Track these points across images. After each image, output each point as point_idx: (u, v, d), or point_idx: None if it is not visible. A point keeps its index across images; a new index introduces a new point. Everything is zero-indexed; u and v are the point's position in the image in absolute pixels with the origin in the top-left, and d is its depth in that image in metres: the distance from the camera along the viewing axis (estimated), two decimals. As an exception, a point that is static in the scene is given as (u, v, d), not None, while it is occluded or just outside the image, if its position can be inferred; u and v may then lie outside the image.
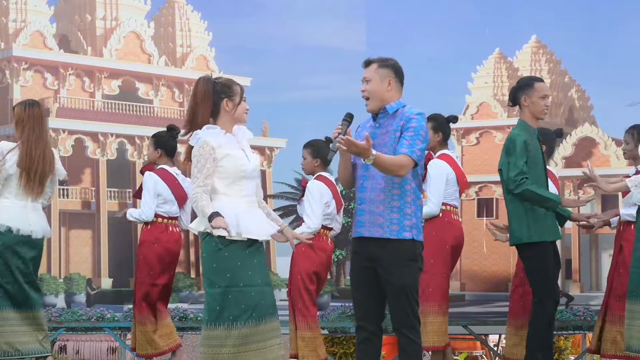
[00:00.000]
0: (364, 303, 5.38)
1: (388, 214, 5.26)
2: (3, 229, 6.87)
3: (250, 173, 5.48)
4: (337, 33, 10.97)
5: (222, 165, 5.42)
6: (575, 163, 10.21)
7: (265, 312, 5.45)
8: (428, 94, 10.45)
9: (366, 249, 5.31)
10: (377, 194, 5.29)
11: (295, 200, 11.23)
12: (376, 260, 5.28)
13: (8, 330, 7.05)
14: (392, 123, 5.32)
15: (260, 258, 5.55)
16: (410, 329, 5.29)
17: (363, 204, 5.31)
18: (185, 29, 11.51)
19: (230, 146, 5.47)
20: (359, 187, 5.36)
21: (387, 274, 5.27)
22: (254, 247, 5.50)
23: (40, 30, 11.01)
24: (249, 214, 5.46)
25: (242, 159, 5.47)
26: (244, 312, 5.39)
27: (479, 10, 10.77)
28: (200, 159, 5.41)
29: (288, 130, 10.91)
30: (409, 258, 5.30)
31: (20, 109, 6.72)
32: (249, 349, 5.38)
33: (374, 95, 5.33)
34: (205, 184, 5.43)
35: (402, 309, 5.27)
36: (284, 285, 10.55)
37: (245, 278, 5.42)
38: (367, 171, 5.30)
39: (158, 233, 7.78)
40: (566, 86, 10.89)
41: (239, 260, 5.41)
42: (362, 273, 5.34)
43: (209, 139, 5.44)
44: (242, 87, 5.51)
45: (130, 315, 9.44)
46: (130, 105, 11.18)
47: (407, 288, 5.30)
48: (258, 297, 5.43)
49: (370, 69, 5.34)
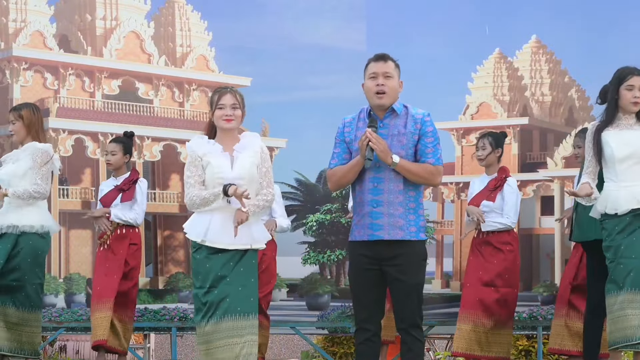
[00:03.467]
0: (368, 305, 5.37)
1: (406, 216, 5.26)
2: (44, 230, 7.06)
3: (230, 181, 5.54)
4: (337, 33, 10.96)
5: (206, 172, 5.56)
6: (575, 163, 10.20)
7: (229, 310, 5.54)
8: (428, 94, 10.44)
9: (379, 251, 5.28)
10: (396, 196, 5.27)
11: (295, 200, 11.23)
12: (389, 260, 5.26)
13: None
14: (398, 124, 5.32)
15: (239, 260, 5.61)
16: (417, 328, 5.32)
17: (380, 206, 5.27)
18: (185, 28, 11.50)
19: (213, 155, 5.61)
20: (371, 190, 5.30)
21: (401, 273, 5.26)
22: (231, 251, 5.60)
23: (40, 30, 11.01)
24: (225, 222, 5.55)
25: (221, 166, 5.58)
26: (206, 310, 5.57)
27: (479, 10, 10.77)
28: (190, 167, 5.63)
29: (288, 130, 10.90)
30: (423, 258, 5.34)
31: (30, 112, 7.09)
32: (215, 346, 5.55)
33: (392, 92, 5.34)
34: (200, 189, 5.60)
35: (411, 308, 5.28)
36: (284, 285, 10.56)
37: (213, 279, 5.57)
38: (380, 173, 5.28)
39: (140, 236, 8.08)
40: (566, 86, 10.89)
41: (207, 263, 5.57)
42: (367, 275, 5.33)
43: (195, 149, 5.63)
44: (220, 94, 5.62)
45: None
46: (130, 105, 11.18)
47: (419, 287, 5.33)
48: (220, 295, 5.55)
49: (390, 66, 5.34)
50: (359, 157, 5.22)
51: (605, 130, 6.22)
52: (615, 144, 6.16)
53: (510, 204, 7.71)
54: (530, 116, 10.93)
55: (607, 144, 6.19)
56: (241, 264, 5.56)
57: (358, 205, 5.34)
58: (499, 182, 7.77)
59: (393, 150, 5.23)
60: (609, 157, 6.17)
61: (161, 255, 11.07)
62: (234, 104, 5.59)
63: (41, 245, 7.17)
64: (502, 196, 7.73)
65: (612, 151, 6.15)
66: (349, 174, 5.31)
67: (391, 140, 5.26)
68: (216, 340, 5.50)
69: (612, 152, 6.16)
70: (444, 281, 10.89)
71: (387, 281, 5.31)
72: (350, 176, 5.30)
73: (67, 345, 11.63)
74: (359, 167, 5.26)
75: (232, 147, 5.59)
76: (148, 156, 11.21)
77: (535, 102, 10.95)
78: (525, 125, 10.89)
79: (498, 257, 7.66)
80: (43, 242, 7.18)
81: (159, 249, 11.06)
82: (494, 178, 7.81)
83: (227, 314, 5.50)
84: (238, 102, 5.61)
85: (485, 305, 7.59)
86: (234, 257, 5.56)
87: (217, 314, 5.50)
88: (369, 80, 5.34)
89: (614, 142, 6.17)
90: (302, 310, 10.38)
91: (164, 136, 11.21)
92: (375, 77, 5.31)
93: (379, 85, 5.29)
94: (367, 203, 5.28)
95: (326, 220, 10.56)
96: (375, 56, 5.38)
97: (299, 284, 10.55)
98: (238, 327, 5.51)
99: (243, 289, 5.55)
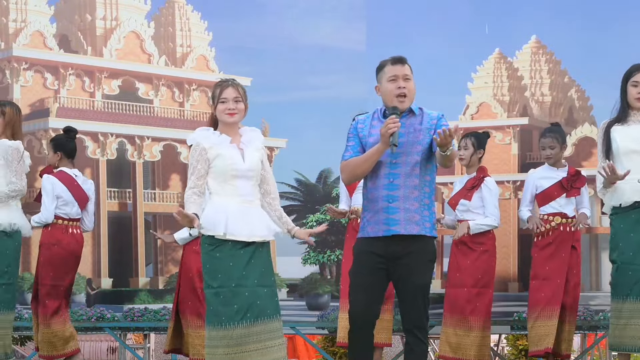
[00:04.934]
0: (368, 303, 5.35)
1: (422, 212, 5.28)
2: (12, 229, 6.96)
3: (244, 172, 5.48)
4: (337, 33, 10.96)
5: (215, 165, 5.47)
6: (576, 163, 10.21)
7: (261, 312, 5.42)
8: (428, 94, 10.44)
9: (392, 247, 5.26)
10: (411, 190, 5.29)
11: (295, 200, 11.23)
12: (399, 259, 5.25)
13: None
14: (415, 122, 5.37)
15: (259, 258, 5.51)
16: (422, 330, 5.30)
17: (396, 201, 5.28)
18: (185, 29, 11.50)
19: (223, 146, 5.51)
20: (387, 185, 5.31)
21: (410, 273, 5.25)
22: (251, 248, 5.48)
23: (40, 30, 11.01)
24: (242, 214, 5.46)
25: (233, 158, 5.49)
26: (236, 312, 5.37)
27: (479, 11, 10.76)
28: (192, 161, 5.50)
29: (288, 130, 10.89)
30: (431, 258, 5.34)
31: (12, 111, 7.00)
32: (246, 350, 5.38)
33: (412, 94, 5.42)
34: (196, 185, 5.48)
35: (418, 308, 5.27)
36: (284, 285, 10.55)
37: (238, 278, 5.41)
38: (396, 169, 5.30)
39: (59, 235, 7.91)
40: (566, 86, 10.89)
41: (230, 261, 5.41)
42: (375, 273, 5.31)
43: (201, 141, 5.52)
44: (222, 87, 5.55)
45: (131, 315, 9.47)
46: (130, 105, 11.18)
47: (426, 288, 5.33)
48: (252, 298, 5.41)
49: (408, 68, 5.40)
50: (379, 145, 5.21)
51: (613, 126, 6.32)
52: (621, 138, 6.25)
53: (492, 204, 7.76)
54: (530, 116, 10.93)
55: (614, 139, 6.29)
56: (262, 263, 5.48)
57: (370, 202, 5.32)
58: (476, 181, 7.81)
59: (410, 145, 5.29)
60: (615, 151, 6.25)
61: (161, 255, 11.06)
62: (237, 97, 5.51)
63: (8, 244, 7.05)
64: (479, 195, 7.77)
65: (617, 145, 6.24)
66: (365, 164, 5.30)
67: (408, 136, 5.31)
68: (250, 343, 5.34)
69: (618, 146, 6.23)
70: (444, 281, 10.89)
71: (394, 281, 5.30)
72: (367, 166, 5.29)
73: (67, 345, 11.61)
74: (378, 155, 5.26)
75: (238, 140, 5.56)
76: (148, 156, 11.20)
77: (535, 102, 10.95)
78: (525, 125, 10.89)
79: (471, 256, 7.69)
80: (9, 242, 7.05)
81: (159, 249, 11.06)
82: (472, 177, 7.85)
83: (260, 316, 5.39)
84: (240, 95, 5.53)
85: (460, 307, 7.62)
86: (254, 254, 5.45)
87: (250, 317, 5.37)
88: (389, 82, 5.36)
89: (620, 136, 6.27)
90: (302, 310, 10.37)
91: (164, 136, 11.20)
92: (395, 79, 5.35)
93: (400, 88, 5.33)
94: (382, 198, 5.28)
95: (326, 220, 10.56)
96: (393, 59, 5.40)
97: (299, 284, 10.54)
98: (271, 330, 5.42)
99: (268, 290, 5.48)
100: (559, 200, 7.85)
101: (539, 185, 7.92)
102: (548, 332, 7.65)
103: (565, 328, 7.83)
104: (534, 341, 7.72)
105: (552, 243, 7.77)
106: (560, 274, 7.71)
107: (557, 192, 7.85)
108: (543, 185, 7.89)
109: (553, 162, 7.92)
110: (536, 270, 7.80)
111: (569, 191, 7.83)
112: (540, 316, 7.70)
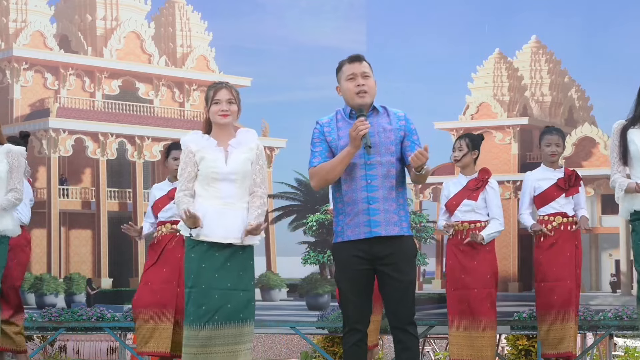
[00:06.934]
0: (361, 306, 5.34)
1: (399, 212, 5.28)
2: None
3: (225, 175, 5.51)
4: (337, 33, 10.97)
5: (200, 168, 5.55)
6: (576, 163, 10.22)
7: (232, 316, 5.44)
8: (428, 94, 10.45)
9: (374, 249, 5.26)
10: (389, 191, 5.28)
11: (295, 200, 11.23)
12: (383, 259, 5.25)
13: None
14: (382, 121, 5.35)
15: (236, 262, 5.53)
16: (412, 325, 5.31)
17: (376, 202, 5.26)
18: (185, 29, 11.51)
19: (208, 150, 5.57)
20: (365, 187, 5.29)
21: (396, 271, 5.25)
22: (228, 250, 5.51)
23: (41, 30, 11.01)
24: (218, 215, 5.49)
25: (215, 161, 5.54)
26: (204, 314, 5.41)
27: (479, 10, 10.77)
28: (182, 164, 5.60)
29: (288, 130, 10.90)
30: (414, 255, 5.35)
31: None
32: (211, 352, 5.40)
33: (372, 91, 5.38)
34: (186, 188, 5.59)
35: (407, 305, 5.27)
36: (284, 285, 10.55)
37: (208, 280, 5.44)
38: (372, 170, 5.28)
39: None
40: (566, 86, 10.90)
41: (203, 262, 5.46)
42: (359, 276, 5.31)
43: (189, 144, 5.60)
44: (216, 89, 5.60)
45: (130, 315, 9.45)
46: (131, 105, 11.18)
47: (413, 284, 5.34)
48: (223, 300, 5.42)
49: (366, 66, 5.38)
50: (349, 147, 5.18)
51: (630, 129, 6.15)
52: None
53: (496, 205, 7.76)
54: (530, 116, 10.93)
55: (632, 141, 6.12)
56: (240, 266, 5.49)
57: (348, 205, 5.26)
58: (480, 182, 7.79)
59: (382, 146, 5.26)
60: (634, 154, 6.11)
61: (161, 255, 11.05)
62: (230, 99, 5.56)
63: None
64: (484, 197, 7.77)
65: (636, 148, 6.09)
66: (337, 168, 5.24)
67: (378, 137, 5.27)
68: (215, 345, 5.38)
69: (637, 149, 6.08)
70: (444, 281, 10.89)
71: (381, 280, 5.29)
72: (339, 170, 5.24)
73: (67, 345, 11.63)
74: (349, 158, 5.22)
75: (227, 142, 5.57)
76: (148, 156, 11.20)
77: (535, 102, 10.96)
78: (525, 125, 10.90)
79: (477, 258, 7.68)
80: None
81: (159, 249, 11.04)
82: (475, 178, 7.83)
83: (229, 320, 5.42)
84: (234, 97, 5.58)
85: (472, 308, 7.61)
86: (230, 258, 5.48)
87: (217, 320, 5.40)
88: (347, 81, 5.33)
89: (638, 139, 6.10)
90: (302, 310, 10.37)
91: (164, 136, 11.20)
92: (354, 77, 5.32)
93: (359, 85, 5.30)
94: (362, 200, 5.24)
95: (326, 220, 10.55)
96: (350, 57, 5.38)
97: (299, 284, 10.54)
98: (239, 334, 5.44)
99: (244, 294, 5.49)
100: (559, 200, 7.84)
101: (537, 186, 7.92)
102: (565, 334, 7.65)
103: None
104: (552, 344, 7.70)
105: (555, 243, 7.76)
106: (571, 274, 7.71)
107: (555, 192, 7.85)
108: (542, 186, 7.89)
109: (555, 161, 7.93)
110: (544, 272, 7.77)
111: (567, 191, 7.83)
112: (556, 319, 7.68)
